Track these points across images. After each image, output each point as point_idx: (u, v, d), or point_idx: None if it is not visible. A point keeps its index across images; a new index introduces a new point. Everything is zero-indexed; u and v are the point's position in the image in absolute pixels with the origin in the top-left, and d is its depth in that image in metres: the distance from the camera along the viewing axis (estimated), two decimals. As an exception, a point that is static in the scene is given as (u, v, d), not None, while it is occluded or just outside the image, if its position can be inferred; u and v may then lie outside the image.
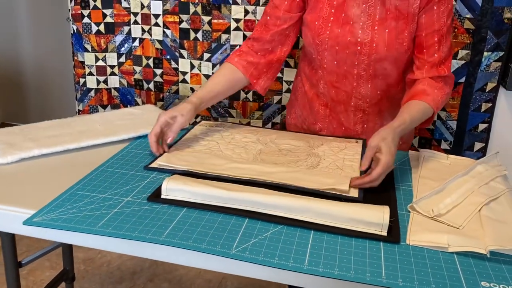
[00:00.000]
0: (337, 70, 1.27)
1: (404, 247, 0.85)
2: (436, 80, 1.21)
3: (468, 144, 1.78)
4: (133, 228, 0.87)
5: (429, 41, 1.20)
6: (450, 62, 1.23)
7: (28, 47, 3.30)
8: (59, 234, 0.88)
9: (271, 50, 1.31)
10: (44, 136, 1.24)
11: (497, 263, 0.82)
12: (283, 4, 1.26)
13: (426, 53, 1.20)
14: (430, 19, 1.18)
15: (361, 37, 1.20)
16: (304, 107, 1.43)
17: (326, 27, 1.22)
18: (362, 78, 1.26)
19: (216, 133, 1.32)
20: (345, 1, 1.20)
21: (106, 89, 2.07)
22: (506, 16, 1.60)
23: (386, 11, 1.18)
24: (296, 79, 1.47)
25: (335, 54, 1.24)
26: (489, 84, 1.70)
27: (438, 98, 1.20)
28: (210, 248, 0.82)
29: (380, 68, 1.24)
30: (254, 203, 0.92)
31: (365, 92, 1.29)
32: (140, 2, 1.94)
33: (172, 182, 0.96)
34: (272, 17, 1.28)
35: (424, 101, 1.18)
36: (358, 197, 0.99)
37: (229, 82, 1.29)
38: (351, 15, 1.20)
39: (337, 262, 0.80)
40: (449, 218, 0.95)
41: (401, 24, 1.19)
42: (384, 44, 1.19)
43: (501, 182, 1.10)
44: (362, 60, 1.23)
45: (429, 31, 1.19)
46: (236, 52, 1.33)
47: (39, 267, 2.14)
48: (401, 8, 1.18)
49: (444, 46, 1.21)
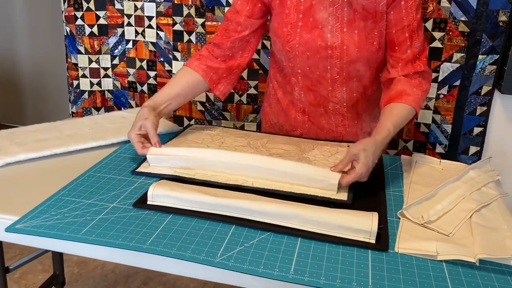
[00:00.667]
0: (311, 75, 1.25)
1: (393, 255, 0.84)
2: (413, 77, 1.19)
3: (463, 147, 1.77)
4: (116, 235, 0.85)
5: (400, 38, 1.17)
6: (425, 56, 1.20)
7: (24, 49, 3.29)
8: (42, 241, 0.86)
9: (231, 56, 1.29)
10: (31, 140, 1.23)
11: (486, 271, 0.81)
12: (244, 10, 1.23)
13: (399, 50, 1.18)
14: (398, 15, 1.15)
15: (331, 40, 1.18)
16: (279, 115, 1.40)
17: (295, 33, 1.19)
18: (336, 82, 1.24)
19: (207, 136, 1.30)
20: (312, 5, 1.18)
21: (99, 91, 2.06)
22: (501, 19, 1.58)
23: (354, 12, 1.16)
24: (268, 86, 1.44)
25: (307, 60, 1.21)
26: (484, 87, 1.68)
27: (418, 97, 1.17)
28: (194, 256, 0.80)
29: (353, 70, 1.22)
30: (241, 210, 0.91)
31: (341, 95, 1.27)
32: (133, 4, 1.92)
33: (158, 188, 0.94)
34: (233, 22, 1.25)
35: (405, 102, 1.15)
36: (347, 200, 0.98)
37: (188, 85, 1.26)
38: (319, 19, 1.18)
39: (323, 271, 0.79)
40: (439, 225, 0.93)
41: (370, 23, 1.16)
42: (355, 45, 1.17)
43: (494, 188, 1.09)
44: (335, 64, 1.20)
45: (399, 28, 1.16)
46: (196, 56, 1.30)
47: (32, 270, 2.12)
48: (368, 7, 1.15)
49: (416, 41, 1.17)
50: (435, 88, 1.73)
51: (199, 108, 1.99)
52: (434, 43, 1.68)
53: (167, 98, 1.23)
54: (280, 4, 1.21)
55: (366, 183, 1.04)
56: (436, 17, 1.65)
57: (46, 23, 3.13)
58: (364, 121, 1.34)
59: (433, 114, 1.76)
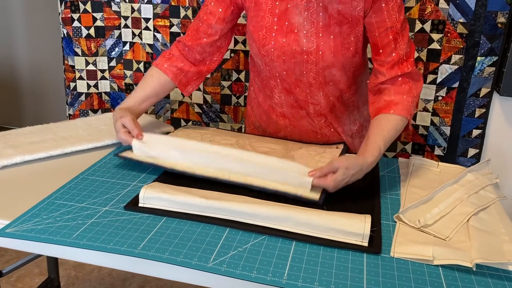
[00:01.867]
0: (288, 79, 1.23)
1: (388, 260, 0.83)
2: (402, 83, 1.14)
3: (462, 150, 1.75)
4: (108, 239, 0.84)
5: (384, 40, 1.13)
6: (412, 57, 1.15)
7: (21, 51, 3.28)
8: (32, 245, 0.85)
9: (202, 60, 1.29)
10: (26, 143, 1.22)
11: (483, 276, 0.79)
12: (217, 12, 1.22)
13: (383, 53, 1.14)
14: (380, 18, 1.11)
15: (306, 45, 1.15)
16: (261, 118, 1.39)
17: (271, 37, 1.17)
18: (313, 86, 1.22)
19: (197, 134, 1.30)
20: (288, 9, 1.15)
21: (96, 93, 2.05)
22: (500, 21, 1.57)
23: (329, 17, 1.13)
24: (249, 89, 1.43)
25: (283, 64, 1.19)
26: (483, 89, 1.67)
27: (409, 104, 1.12)
28: (186, 261, 0.79)
29: (329, 75, 1.19)
30: (232, 212, 0.90)
31: (318, 99, 1.25)
32: (130, 6, 1.92)
33: (150, 190, 0.93)
34: (204, 24, 1.24)
35: (394, 113, 1.10)
36: (318, 200, 0.97)
37: (159, 85, 1.27)
38: (294, 23, 1.15)
39: (317, 276, 0.78)
40: (436, 229, 0.92)
41: (346, 28, 1.14)
42: (330, 51, 1.15)
43: (492, 191, 1.08)
44: (310, 69, 1.18)
45: (382, 30, 1.12)
46: (166, 55, 1.29)
47: (28, 274, 2.11)
48: (344, 12, 1.12)
49: (401, 43, 1.13)
50: (433, 90, 1.72)
51: (197, 110, 1.98)
52: (432, 44, 1.67)
53: (140, 101, 1.26)
54: (256, 7, 1.18)
55: (360, 186, 1.04)
56: (435, 18, 1.64)
57: (43, 25, 3.13)
58: (345, 124, 1.31)
59: (432, 116, 1.75)
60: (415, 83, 1.15)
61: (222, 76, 1.90)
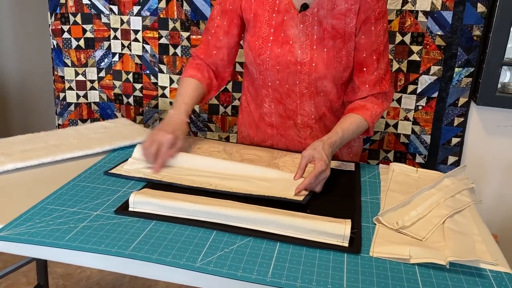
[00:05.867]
0: (280, 89, 1.28)
1: (367, 259, 0.87)
2: (377, 97, 1.25)
3: (442, 157, 1.81)
4: (99, 241, 0.87)
5: (369, 61, 1.22)
6: (389, 77, 1.27)
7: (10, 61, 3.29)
8: (25, 248, 0.88)
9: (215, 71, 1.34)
10: (17, 151, 1.24)
11: (456, 274, 0.84)
12: (222, 25, 1.28)
13: (367, 72, 1.23)
14: (369, 40, 1.20)
15: (300, 57, 1.22)
16: (250, 127, 1.43)
17: (266, 47, 1.23)
18: (304, 96, 1.28)
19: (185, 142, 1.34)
20: (284, 21, 1.21)
21: (86, 103, 2.08)
22: (475, 34, 1.65)
23: (323, 30, 1.20)
24: (241, 98, 1.48)
25: (277, 74, 1.25)
26: (461, 99, 1.74)
27: (375, 113, 1.25)
28: (175, 262, 0.83)
29: (321, 86, 1.25)
30: (219, 215, 0.93)
31: (309, 109, 1.31)
32: (120, 18, 1.96)
33: (139, 195, 0.97)
34: (213, 37, 1.30)
35: (362, 116, 1.23)
36: (302, 200, 1.02)
37: (199, 96, 1.31)
38: (290, 35, 1.21)
39: (300, 274, 0.82)
40: (413, 230, 0.96)
41: (339, 43, 1.21)
42: (323, 63, 1.21)
43: (467, 195, 1.13)
44: (303, 79, 1.24)
45: (369, 52, 1.22)
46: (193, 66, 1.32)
47: (15, 283, 2.11)
48: (338, 27, 1.20)
49: (382, 63, 1.24)
50: (414, 100, 1.79)
51: (185, 119, 2.02)
52: (412, 56, 1.74)
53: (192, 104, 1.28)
54: (254, 18, 1.24)
55: (342, 190, 1.08)
56: (414, 31, 1.71)
57: (33, 36, 3.15)
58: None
59: (413, 125, 1.81)
60: (387, 100, 1.29)
61: (209, 86, 1.94)
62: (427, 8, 1.67)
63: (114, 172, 1.15)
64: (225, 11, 1.26)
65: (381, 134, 1.85)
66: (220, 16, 1.27)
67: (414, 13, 1.68)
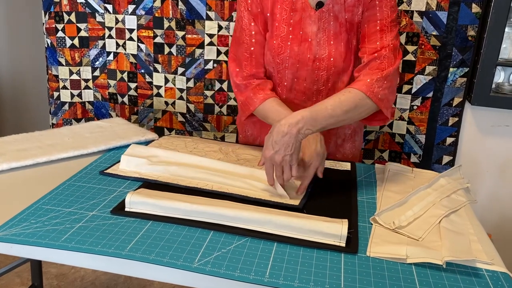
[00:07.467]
0: (297, 87, 1.28)
1: (364, 259, 0.87)
2: (372, 66, 1.15)
3: (436, 157, 1.82)
4: (96, 242, 0.87)
5: (371, 30, 1.18)
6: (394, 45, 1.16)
7: (4, 60, 3.27)
8: (20, 248, 0.87)
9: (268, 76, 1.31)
10: (12, 150, 1.23)
11: (453, 273, 0.84)
12: (259, 31, 1.25)
13: (368, 41, 1.18)
14: (372, 12, 1.17)
15: (318, 53, 1.22)
16: (254, 126, 1.42)
17: (286, 46, 1.23)
18: (321, 93, 1.28)
19: (181, 142, 1.34)
20: (302, 19, 1.22)
21: (80, 102, 2.07)
22: (470, 34, 1.65)
23: (340, 25, 1.21)
24: None
25: (296, 72, 1.25)
26: (456, 98, 1.75)
27: (372, 82, 1.12)
28: (172, 262, 0.82)
29: (338, 81, 1.26)
30: (215, 215, 0.93)
31: None
32: (114, 17, 1.95)
33: (135, 196, 0.96)
34: (256, 46, 1.26)
35: (352, 86, 1.13)
36: (298, 205, 1.02)
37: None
38: (308, 33, 1.22)
39: (297, 274, 0.82)
40: (409, 230, 0.97)
41: (352, 35, 1.22)
42: (341, 57, 1.22)
43: (462, 195, 1.13)
44: (321, 76, 1.25)
45: (371, 21, 1.18)
46: (256, 90, 1.26)
47: (9, 283, 2.10)
48: (351, 19, 1.20)
49: (388, 36, 1.16)
50: (409, 100, 1.79)
51: (180, 119, 2.01)
52: (407, 56, 1.74)
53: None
54: (271, 17, 1.24)
55: (338, 189, 1.09)
56: (409, 31, 1.71)
57: (27, 34, 3.13)
58: (341, 127, 1.36)
59: (408, 125, 1.82)
60: (385, 60, 1.15)
61: (205, 85, 1.94)
62: (422, 8, 1.67)
63: (110, 172, 1.15)
64: (255, 15, 1.24)
65: (376, 134, 1.86)
66: (253, 22, 1.24)
67: (409, 13, 1.69)
